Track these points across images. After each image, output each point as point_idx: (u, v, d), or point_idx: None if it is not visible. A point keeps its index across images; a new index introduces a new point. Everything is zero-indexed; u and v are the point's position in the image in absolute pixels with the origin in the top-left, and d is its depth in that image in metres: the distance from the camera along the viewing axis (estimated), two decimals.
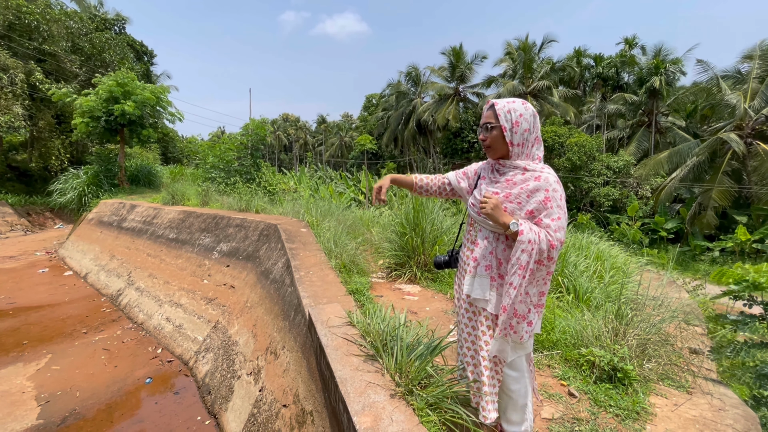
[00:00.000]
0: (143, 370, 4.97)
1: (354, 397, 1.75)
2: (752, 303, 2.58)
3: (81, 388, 4.54)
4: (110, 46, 21.73)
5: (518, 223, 1.49)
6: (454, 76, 30.83)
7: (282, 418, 2.95)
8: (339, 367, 2.03)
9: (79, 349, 5.55)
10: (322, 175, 31.09)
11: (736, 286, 2.66)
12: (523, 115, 1.57)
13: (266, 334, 4.00)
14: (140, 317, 6.54)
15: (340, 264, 4.47)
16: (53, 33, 18.72)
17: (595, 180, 20.73)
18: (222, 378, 4.26)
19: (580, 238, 5.28)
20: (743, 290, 2.62)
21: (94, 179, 14.49)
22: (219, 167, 12.30)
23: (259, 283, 4.95)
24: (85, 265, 9.84)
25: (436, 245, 4.73)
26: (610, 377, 2.39)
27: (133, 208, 10.74)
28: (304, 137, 64.89)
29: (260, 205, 7.96)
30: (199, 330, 5.45)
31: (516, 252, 1.50)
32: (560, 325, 2.94)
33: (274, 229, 5.66)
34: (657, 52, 24.48)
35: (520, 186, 1.57)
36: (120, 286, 7.85)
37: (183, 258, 7.25)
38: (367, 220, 7.88)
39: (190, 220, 8.09)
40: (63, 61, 19.48)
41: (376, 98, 45.89)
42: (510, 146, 1.59)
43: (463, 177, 1.88)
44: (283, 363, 3.36)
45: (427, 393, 1.76)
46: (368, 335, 2.33)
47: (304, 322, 3.11)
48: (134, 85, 13.72)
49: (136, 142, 15.42)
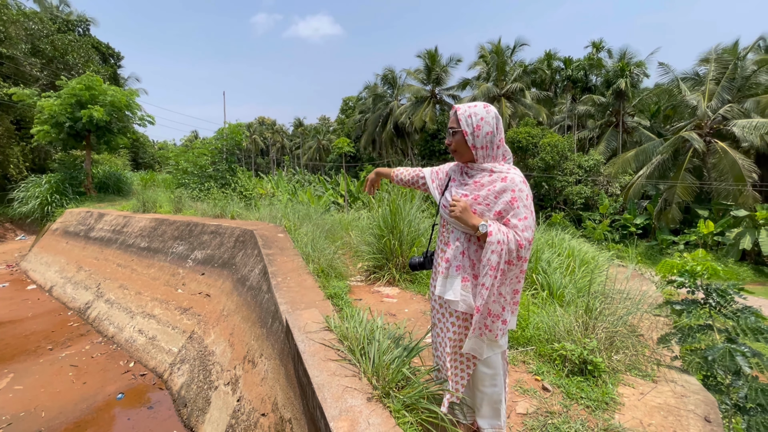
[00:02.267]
0: (114, 385, 4.78)
1: (331, 402, 1.75)
2: (694, 289, 2.75)
3: (46, 408, 4.32)
4: (74, 48, 20.83)
5: (487, 225, 1.53)
6: (430, 79, 31.21)
7: (261, 428, 2.90)
8: (316, 372, 2.02)
9: (44, 367, 5.28)
10: (300, 178, 30.79)
11: (680, 276, 2.81)
12: (484, 118, 1.61)
13: (243, 342, 3.93)
14: (111, 330, 6.29)
15: (319, 269, 4.44)
16: (11, 35, 17.78)
17: (568, 179, 21.40)
18: (198, 389, 4.15)
19: (552, 236, 5.44)
20: (686, 278, 2.78)
21: (58, 187, 13.83)
22: (192, 173, 11.99)
23: (236, 290, 4.86)
24: (50, 277, 9.38)
25: (414, 247, 4.76)
26: (581, 370, 2.47)
27: (101, 216, 10.32)
28: (281, 141, 64.08)
29: (236, 211, 7.81)
30: (174, 341, 5.29)
31: (486, 253, 1.54)
32: (534, 321, 3.02)
33: (250, 235, 5.57)
34: (622, 55, 25.56)
35: (487, 188, 1.61)
36: (88, 299, 7.52)
37: (155, 267, 7.02)
38: (346, 223, 7.85)
39: (163, 228, 7.85)
40: (22, 64, 18.53)
41: (353, 101, 45.85)
42: (473, 150, 1.63)
43: (436, 176, 1.92)
44: (261, 371, 3.30)
45: (403, 395, 1.78)
46: (345, 339, 2.33)
47: (281, 329, 3.07)
48: (101, 89, 13.19)
49: (105, 149, 14.82)
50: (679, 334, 2.69)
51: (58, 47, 20.05)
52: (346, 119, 46.38)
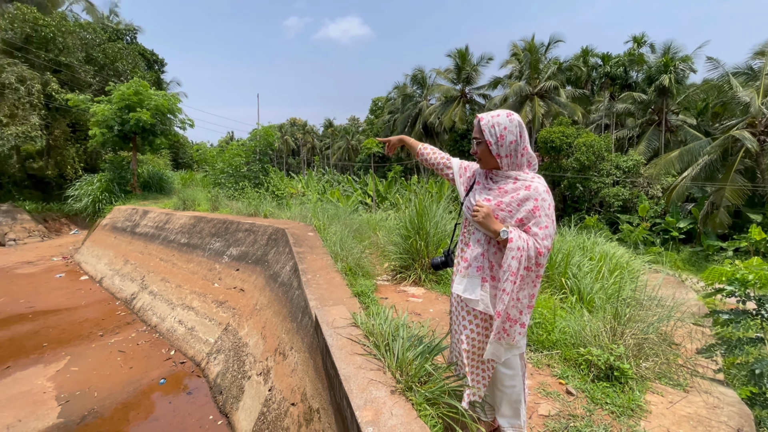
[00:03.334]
0: (157, 371, 5.14)
1: (357, 393, 1.85)
2: (745, 299, 2.62)
3: (98, 389, 4.71)
4: (122, 55, 22.27)
5: (508, 231, 1.58)
6: (460, 78, 30.89)
7: (290, 416, 3.06)
8: (343, 365, 2.13)
9: (96, 351, 5.75)
10: (330, 178, 31.33)
11: (730, 285, 2.69)
12: (507, 128, 1.65)
13: (275, 335, 4.12)
14: (154, 320, 6.73)
15: (346, 267, 4.58)
16: (68, 44, 19.27)
17: (604, 180, 20.56)
18: (233, 378, 4.39)
19: (584, 239, 5.31)
20: (736, 288, 2.66)
21: (107, 186, 14.87)
22: (228, 173, 12.54)
23: (268, 286, 5.08)
24: (100, 269, 10.12)
25: (440, 248, 4.81)
26: (607, 376, 2.45)
27: (145, 213, 11.01)
28: (312, 141, 65.40)
29: (268, 210, 8.12)
30: (211, 332, 5.61)
31: (507, 259, 1.59)
32: (560, 325, 3.00)
33: (282, 234, 5.80)
34: (666, 49, 24.20)
35: (511, 195, 1.65)
36: (134, 290, 8.07)
37: (194, 262, 7.44)
38: (374, 223, 7.98)
39: (201, 225, 8.29)
40: (77, 71, 20.02)
41: (383, 101, 46.11)
42: (498, 159, 1.68)
43: (464, 172, 1.96)
44: (291, 363, 3.47)
45: (425, 389, 1.85)
46: (371, 335, 2.43)
47: (311, 324, 3.22)
48: (147, 94, 14.07)
49: (148, 150, 15.80)
50: (725, 346, 2.58)
51: (109, 55, 21.50)
52: (375, 120, 46.71)
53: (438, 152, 2.08)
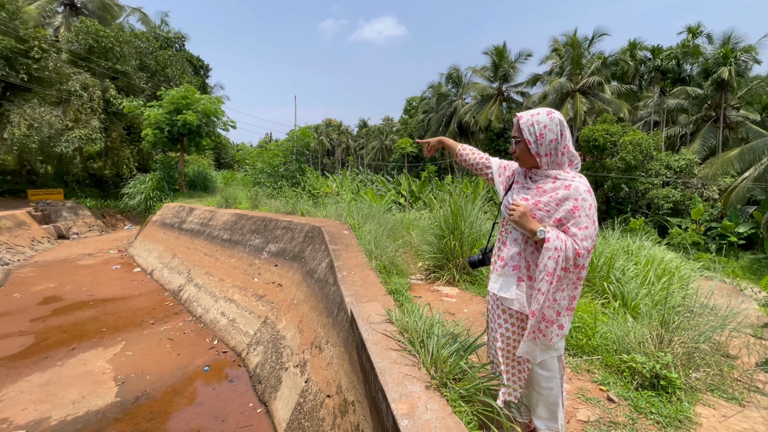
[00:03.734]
0: (202, 358, 5.46)
1: (392, 386, 1.90)
2: None
3: (150, 372, 5.08)
4: (172, 62, 23.69)
5: (545, 231, 1.57)
6: (497, 76, 30.18)
7: (326, 408, 3.16)
8: (378, 359, 2.18)
9: (148, 338, 6.18)
10: (363, 178, 31.67)
11: None
12: (547, 126, 1.62)
13: (311, 329, 4.26)
14: (198, 311, 7.14)
15: (381, 265, 4.64)
16: (124, 53, 20.78)
17: (653, 181, 19.35)
18: (271, 369, 4.59)
19: (629, 243, 5.06)
20: None
21: (158, 184, 15.91)
22: (267, 172, 13.03)
23: (305, 281, 5.26)
24: (151, 262, 10.85)
25: (474, 248, 4.76)
26: (652, 385, 2.34)
27: (191, 210, 11.68)
28: (346, 141, 66.34)
29: (305, 209, 8.37)
30: (250, 324, 5.87)
31: (543, 258, 1.57)
32: (602, 330, 2.89)
33: (318, 231, 5.97)
34: (726, 39, 22.38)
35: (549, 194, 1.63)
36: (181, 283, 8.59)
37: (236, 257, 7.81)
38: (408, 222, 8.01)
39: (242, 222, 8.68)
40: (132, 77, 21.55)
41: (417, 101, 45.94)
42: (537, 157, 1.67)
43: (503, 171, 1.95)
44: (326, 357, 3.58)
45: (460, 386, 1.86)
46: (406, 332, 2.47)
47: (346, 319, 3.30)
48: (194, 98, 14.92)
49: (194, 150, 16.73)
50: None
51: (160, 62, 22.95)
52: (409, 119, 46.64)
53: (477, 152, 2.08)
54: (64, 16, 23.02)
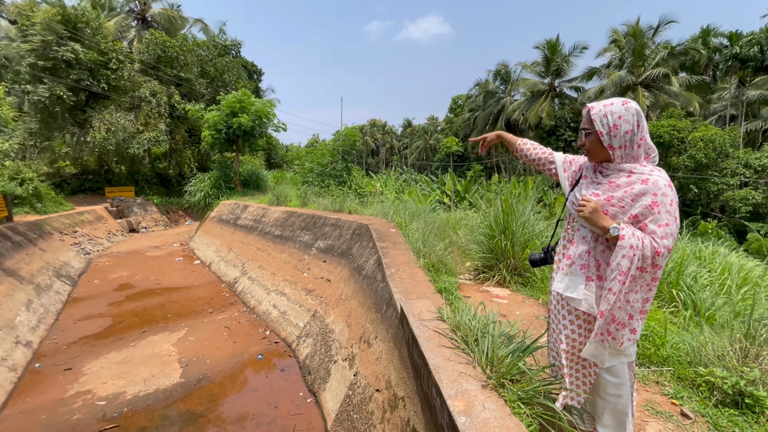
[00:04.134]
0: (256, 347, 5.75)
1: (447, 383, 1.89)
2: None
3: (210, 357, 5.44)
4: (229, 68, 25.20)
5: (619, 228, 1.47)
6: (549, 71, 28.83)
7: (375, 402, 3.21)
8: (431, 356, 2.18)
9: (207, 325, 6.62)
10: (407, 177, 31.66)
11: None
12: (622, 116, 1.53)
13: (359, 324, 4.34)
14: (252, 302, 7.53)
15: (429, 263, 4.62)
16: (188, 61, 22.43)
17: (728, 181, 17.50)
18: (320, 361, 4.73)
19: (700, 248, 4.63)
20: None
21: (215, 183, 17.01)
22: (315, 171, 13.45)
23: (353, 278, 5.36)
24: (209, 255, 11.61)
25: (527, 249, 4.59)
26: (735, 402, 2.12)
27: (245, 208, 12.34)
28: (390, 141, 66.69)
29: (352, 207, 8.53)
30: (300, 317, 6.09)
31: (616, 257, 1.48)
32: (672, 340, 2.67)
33: (365, 229, 6.06)
34: None
35: (624, 189, 1.53)
36: (236, 275, 9.11)
37: (286, 253, 8.14)
38: (453, 222, 7.90)
39: (292, 219, 9.03)
40: (194, 83, 23.20)
41: (463, 99, 45.12)
42: (610, 150, 1.57)
43: (568, 166, 1.87)
44: (375, 352, 3.63)
45: (518, 388, 1.81)
46: (458, 330, 2.44)
47: (395, 316, 3.33)
48: (249, 101, 15.77)
49: (247, 150, 17.69)
50: None
51: (218, 68, 24.48)
52: (454, 118, 45.93)
53: (539, 147, 2.01)
54: (137, 30, 25.28)
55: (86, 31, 17.37)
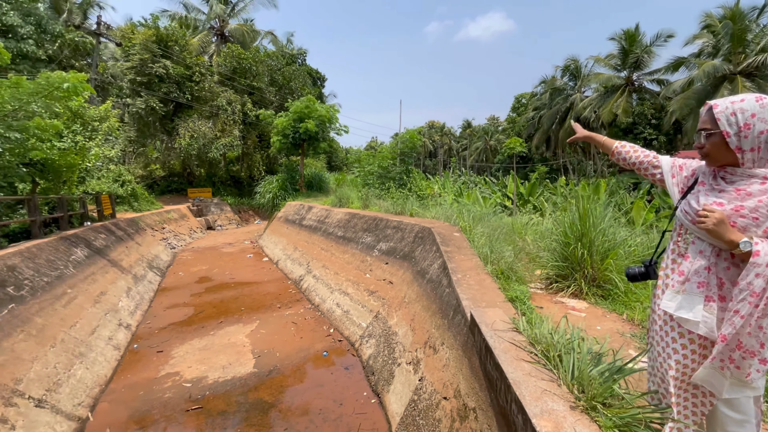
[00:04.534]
0: (321, 344, 5.97)
1: (530, 400, 1.79)
2: None
3: (279, 350, 5.75)
4: (295, 76, 26.62)
5: (752, 243, 1.28)
6: (626, 64, 26.41)
7: (443, 410, 3.15)
8: (510, 369, 2.08)
9: (276, 320, 7.02)
10: (466, 180, 30.93)
11: None
12: (756, 114, 1.32)
13: (424, 329, 4.31)
14: (316, 300, 7.84)
15: (497, 270, 4.45)
16: (259, 71, 24.10)
17: None
18: (384, 363, 4.77)
19: None
20: None
21: (282, 185, 18.04)
22: (376, 174, 13.67)
23: (416, 281, 5.34)
24: (276, 253, 12.32)
25: (607, 259, 4.23)
26: None
27: (310, 209, 12.91)
28: (449, 143, 65.73)
29: (414, 209, 8.52)
30: (363, 317, 6.21)
31: (748, 276, 1.28)
32: None
33: (428, 232, 6.01)
34: None
35: (757, 198, 1.33)
36: (301, 273, 9.56)
37: (349, 253, 8.36)
38: (519, 227, 7.54)
39: (354, 221, 9.26)
40: (264, 92, 24.85)
41: (526, 98, 43.05)
42: (739, 153, 1.37)
43: (678, 171, 1.68)
44: (442, 358, 3.57)
45: (612, 413, 1.66)
46: (537, 343, 2.31)
47: (464, 323, 3.24)
48: (314, 107, 16.53)
49: (311, 154, 18.54)
50: None
51: (286, 77, 25.97)
52: (517, 117, 44.02)
53: (640, 150, 1.83)
54: (216, 45, 27.70)
55: (175, 49, 19.41)
